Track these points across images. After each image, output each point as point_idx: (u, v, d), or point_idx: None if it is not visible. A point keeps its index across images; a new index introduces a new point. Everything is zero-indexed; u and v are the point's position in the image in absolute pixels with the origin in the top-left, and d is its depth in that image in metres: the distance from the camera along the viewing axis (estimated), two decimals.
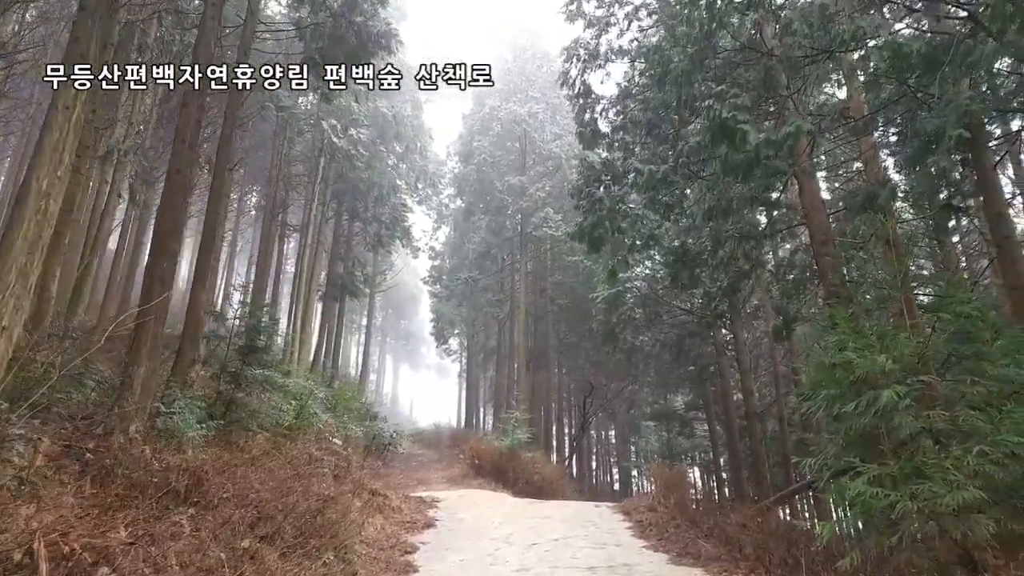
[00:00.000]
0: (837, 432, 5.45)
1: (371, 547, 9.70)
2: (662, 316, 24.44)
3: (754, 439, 19.87)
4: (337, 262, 30.23)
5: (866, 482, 4.95)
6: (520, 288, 30.06)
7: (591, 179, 11.92)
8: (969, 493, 4.45)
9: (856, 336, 5.41)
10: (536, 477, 18.86)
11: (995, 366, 5.03)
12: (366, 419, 27.35)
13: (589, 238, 11.76)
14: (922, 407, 5.15)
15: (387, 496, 13.22)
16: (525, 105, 31.21)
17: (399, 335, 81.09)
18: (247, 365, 11.13)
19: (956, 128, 6.15)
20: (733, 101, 7.67)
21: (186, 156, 9.26)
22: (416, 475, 22.26)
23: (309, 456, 12.44)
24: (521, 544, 10.18)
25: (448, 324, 45.59)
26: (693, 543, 10.00)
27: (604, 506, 14.51)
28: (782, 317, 15.59)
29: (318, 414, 13.99)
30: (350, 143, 21.54)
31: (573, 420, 39.41)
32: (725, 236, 13.48)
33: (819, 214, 10.96)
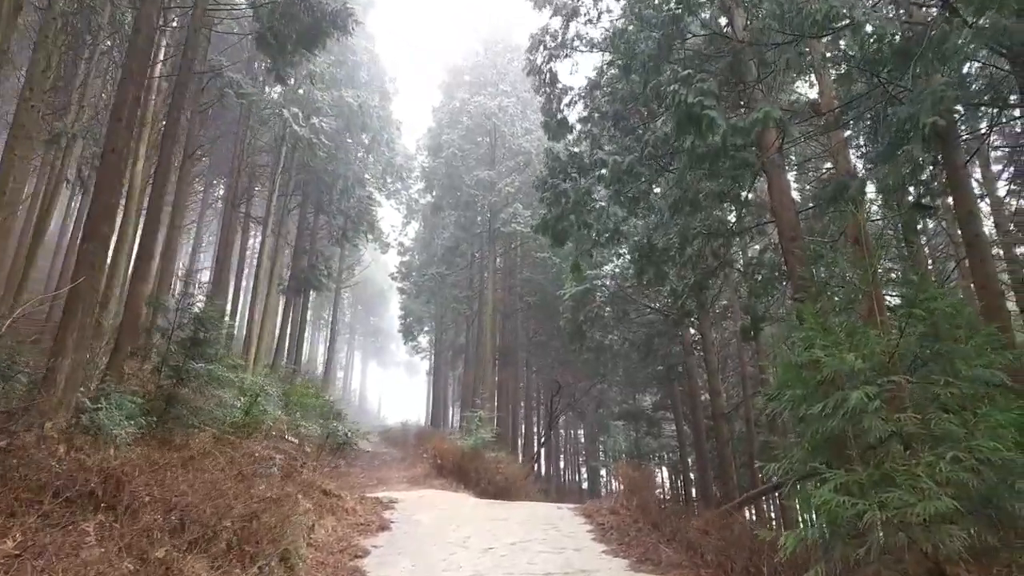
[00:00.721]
0: (803, 435, 5.11)
1: (320, 551, 9.26)
2: (630, 315, 24.21)
3: (720, 440, 19.70)
4: (301, 255, 29.48)
5: (832, 489, 4.61)
6: (488, 284, 29.60)
7: (556, 171, 11.52)
8: (941, 503, 4.12)
9: (824, 333, 5.07)
10: (499, 477, 18.41)
11: (969, 366, 4.72)
12: (329, 417, 26.78)
13: (553, 231, 11.35)
14: (892, 409, 4.82)
15: (341, 497, 12.70)
16: (495, 99, 30.71)
17: (368, 332, 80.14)
18: (190, 359, 10.52)
19: (931, 115, 5.88)
20: (700, 86, 7.30)
21: (122, 135, 8.65)
22: (377, 474, 21.77)
23: (255, 455, 11.90)
24: (477, 548, 9.81)
25: (417, 321, 44.98)
26: (654, 548, 9.72)
27: (566, 508, 14.15)
28: (750, 316, 15.40)
29: (269, 411, 13.38)
30: (312, 132, 20.87)
31: (542, 419, 39.09)
32: (693, 233, 13.20)
33: (788, 211, 10.69)
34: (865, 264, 6.05)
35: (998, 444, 4.34)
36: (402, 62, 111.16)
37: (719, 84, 8.04)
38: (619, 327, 25.22)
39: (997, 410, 4.42)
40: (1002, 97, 7.56)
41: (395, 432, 37.89)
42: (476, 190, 28.44)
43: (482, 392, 27.27)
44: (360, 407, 79.98)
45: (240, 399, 13.10)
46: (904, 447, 4.67)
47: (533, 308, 32.04)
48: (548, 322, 30.78)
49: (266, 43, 11.23)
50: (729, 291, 22.02)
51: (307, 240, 29.32)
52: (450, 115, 33.02)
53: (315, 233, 29.99)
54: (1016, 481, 4.39)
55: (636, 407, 31.90)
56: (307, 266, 28.59)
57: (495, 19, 36.78)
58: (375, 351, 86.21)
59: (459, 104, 32.17)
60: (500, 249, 31.63)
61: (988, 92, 7.27)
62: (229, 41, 22.32)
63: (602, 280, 22.23)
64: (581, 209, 11.19)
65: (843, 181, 7.95)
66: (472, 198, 28.74)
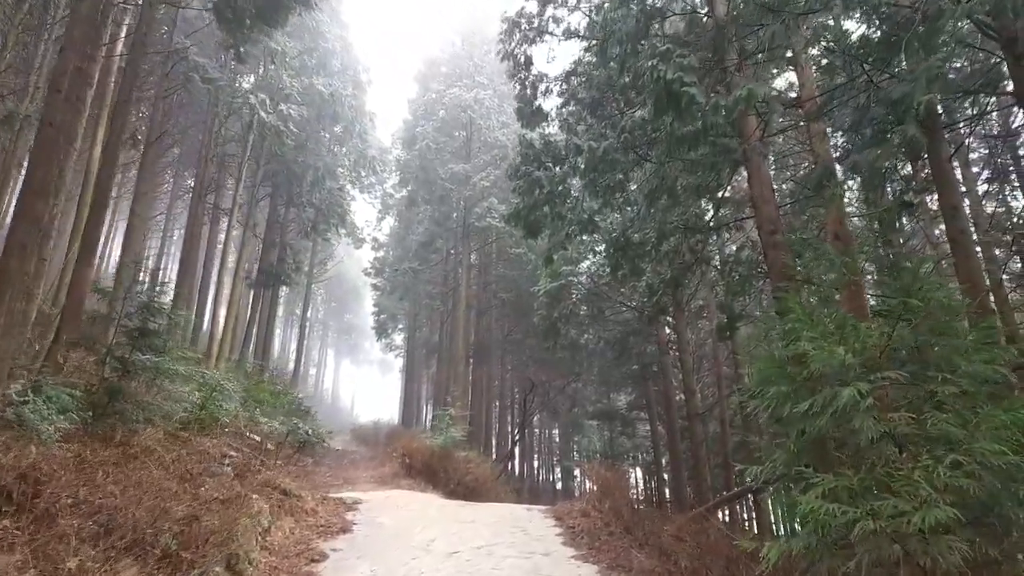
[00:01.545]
0: (787, 436, 4.67)
1: (275, 554, 8.72)
2: (606, 313, 23.86)
3: (695, 440, 19.38)
4: (270, 248, 28.65)
5: (820, 495, 4.18)
6: (463, 280, 29.04)
7: (530, 159, 11.02)
8: (941, 511, 3.70)
9: (811, 325, 4.64)
10: (469, 478, 17.93)
11: (969, 361, 4.31)
12: (297, 414, 26.03)
13: (526, 222, 10.85)
14: (884, 408, 4.40)
15: (301, 497, 12.13)
16: (472, 91, 30.11)
17: (342, 329, 79.07)
18: (137, 350, 9.85)
19: (926, 92, 5.50)
20: (680, 61, 6.86)
21: (61, 108, 7.98)
22: (345, 474, 21.22)
23: (209, 454, 11.28)
24: (441, 552, 9.36)
25: (391, 318, 44.27)
26: (626, 553, 9.34)
27: (536, 509, 13.72)
28: (726, 315, 15.07)
29: (226, 408, 12.73)
30: (280, 119, 20.14)
31: (517, 418, 38.63)
32: (670, 228, 12.81)
33: (769, 204, 10.31)
34: (847, 257, 5.67)
35: (1002, 447, 3.93)
36: (377, 53, 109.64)
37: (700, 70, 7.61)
38: (594, 325, 24.87)
39: (1000, 409, 4.01)
40: (993, 83, 7.25)
41: (366, 431, 37.24)
42: (451, 184, 27.84)
43: (454, 390, 26.70)
44: (333, 405, 78.95)
45: (195, 395, 12.43)
46: (899, 450, 4.26)
47: (508, 305, 31.56)
48: (523, 320, 30.33)
49: (224, 17, 10.59)
50: (705, 290, 21.76)
51: (276, 233, 28.50)
52: (425, 107, 32.37)
53: (285, 226, 29.19)
54: (1020, 487, 3.99)
55: (611, 407, 31.59)
56: (276, 259, 27.79)
57: (473, 10, 36.08)
58: (349, 349, 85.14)
59: (435, 96, 31.53)
60: (475, 245, 31.08)
61: (979, 79, 6.95)
62: (196, 25, 21.55)
63: (577, 277, 21.80)
64: (555, 199, 10.71)
65: (827, 167, 7.58)
66: (447, 192, 28.14)
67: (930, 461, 3.99)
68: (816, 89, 10.63)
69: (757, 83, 6.36)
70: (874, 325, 4.70)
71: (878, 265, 15.23)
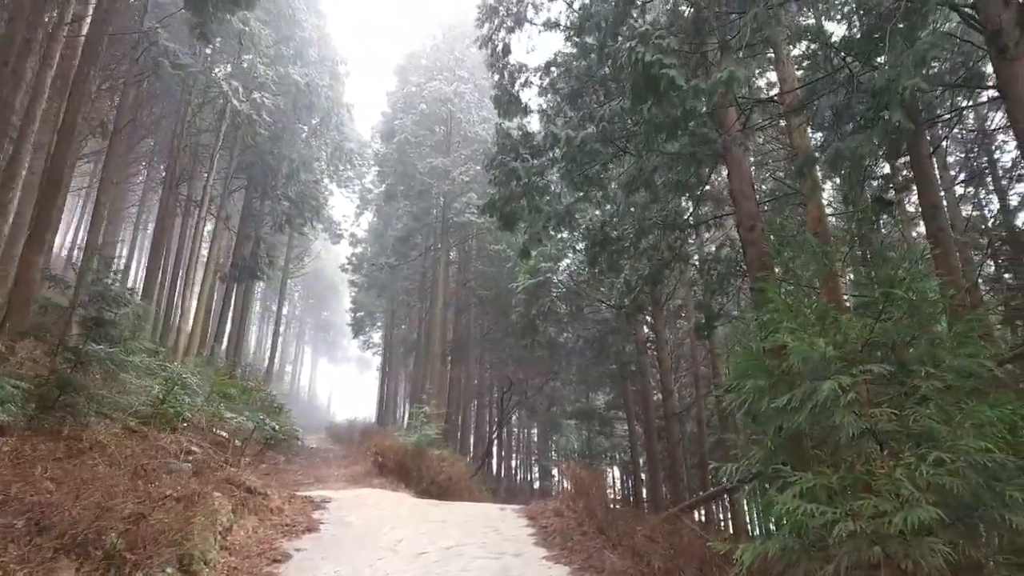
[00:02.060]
0: (764, 432, 4.43)
1: (235, 554, 8.38)
2: (584, 311, 23.66)
3: (672, 440, 19.23)
4: (244, 241, 28.07)
5: (798, 494, 3.95)
6: (440, 277, 28.66)
7: (507, 148, 10.73)
8: (924, 512, 3.48)
9: (791, 315, 4.40)
10: (442, 477, 17.61)
11: (953, 355, 4.10)
12: (270, 411, 25.50)
13: (501, 213, 10.56)
14: (865, 404, 4.18)
15: (267, 495, 11.78)
16: (452, 84, 29.70)
17: (319, 326, 78.20)
18: (92, 340, 9.42)
19: (912, 76, 5.30)
20: (659, 43, 6.60)
21: (8, 81, 7.56)
22: (317, 472, 20.86)
23: (167, 449, 10.87)
24: (408, 553, 9.07)
25: (368, 315, 43.76)
26: (599, 554, 9.10)
27: (509, 509, 13.47)
28: (704, 314, 14.93)
29: (188, 402, 12.30)
30: (253, 107, 19.63)
31: (495, 417, 38.33)
32: (649, 224, 12.61)
33: (748, 199, 10.13)
34: (826, 250, 5.46)
35: (987, 444, 3.72)
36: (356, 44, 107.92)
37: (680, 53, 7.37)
38: (573, 324, 24.69)
39: (985, 405, 3.80)
40: (975, 79, 7.10)
41: (341, 429, 36.79)
42: (430, 178, 27.43)
43: (429, 388, 26.33)
44: (309, 403, 78.07)
45: (156, 388, 12.00)
46: (880, 447, 4.04)
47: (487, 303, 31.24)
48: (503, 318, 30.03)
49: None
50: (684, 289, 21.68)
51: (251, 226, 27.93)
52: (405, 100, 31.90)
53: (260, 219, 28.62)
54: (1005, 487, 3.78)
55: (589, 406, 31.40)
56: (249, 253, 27.23)
57: (454, 2, 35.61)
58: (326, 346, 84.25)
59: (415, 89, 31.07)
60: (454, 241, 30.72)
61: (961, 72, 6.79)
62: (168, 10, 20.96)
63: (556, 274, 21.57)
64: (532, 192, 10.44)
65: (809, 155, 7.39)
66: (426, 187, 27.74)
67: (912, 459, 3.77)
68: (797, 84, 10.49)
69: (738, 66, 6.14)
70: (856, 317, 4.47)
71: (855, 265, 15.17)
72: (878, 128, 5.92)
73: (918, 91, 5.35)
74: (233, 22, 16.96)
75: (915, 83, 5.27)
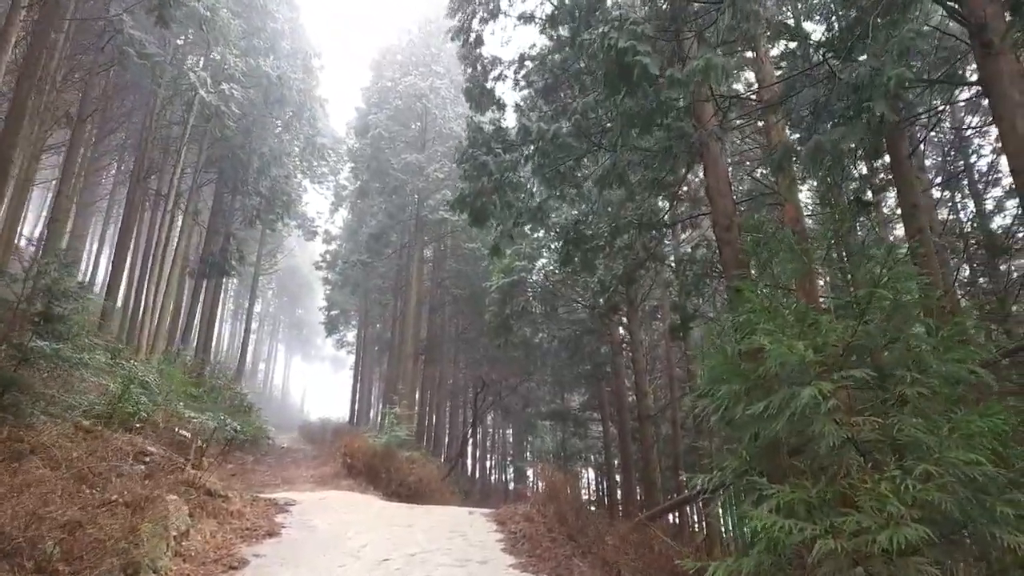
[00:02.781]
0: (739, 440, 4.14)
1: (190, 561, 7.97)
2: (559, 311, 23.40)
3: (646, 442, 19.01)
4: (215, 237, 27.37)
5: (774, 509, 3.66)
6: (414, 275, 28.18)
7: (478, 142, 10.36)
8: (912, 530, 3.20)
9: (769, 315, 4.11)
10: (412, 478, 17.22)
11: (941, 360, 3.83)
12: (239, 410, 24.89)
13: (472, 208, 10.19)
14: (847, 411, 3.90)
15: (228, 498, 11.34)
16: (427, 79, 29.20)
17: (294, 324, 77.17)
18: (39, 336, 8.89)
19: (897, 67, 5.05)
20: (632, 29, 6.29)
21: None
22: (285, 473, 20.42)
23: (121, 450, 10.36)
24: (371, 559, 8.73)
25: (342, 314, 43.14)
26: (567, 562, 8.84)
27: (478, 513, 13.15)
28: (679, 315, 14.73)
29: (145, 402, 11.78)
30: (222, 99, 19.04)
31: (470, 418, 37.94)
32: (624, 223, 12.34)
33: (725, 197, 9.89)
34: (805, 248, 5.19)
35: (977, 456, 3.45)
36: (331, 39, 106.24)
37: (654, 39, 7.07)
38: (548, 324, 24.44)
39: (975, 414, 3.53)
40: (958, 74, 6.90)
41: (314, 429, 36.31)
42: (404, 174, 26.92)
43: (401, 388, 25.85)
44: (283, 402, 77.08)
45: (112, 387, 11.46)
46: (862, 458, 3.75)
47: (462, 302, 30.84)
48: (478, 317, 29.67)
49: None
50: (659, 290, 21.52)
51: (221, 221, 27.24)
52: (379, 95, 31.32)
53: (231, 214, 27.93)
54: (995, 502, 3.51)
55: (563, 407, 31.16)
56: (219, 249, 26.54)
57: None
58: (300, 344, 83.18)
59: (389, 84, 30.51)
60: (429, 239, 30.25)
61: (944, 68, 6.59)
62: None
63: (531, 274, 21.25)
64: (504, 188, 10.09)
65: (788, 148, 7.13)
66: (400, 183, 27.23)
67: (897, 472, 3.49)
68: (775, 80, 10.29)
69: (715, 56, 5.86)
70: (836, 320, 4.19)
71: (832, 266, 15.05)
72: (860, 122, 5.67)
73: (903, 82, 5.10)
74: (197, 8, 16.37)
75: (900, 72, 5.02)
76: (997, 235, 14.60)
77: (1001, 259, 14.69)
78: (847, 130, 5.95)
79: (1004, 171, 17.26)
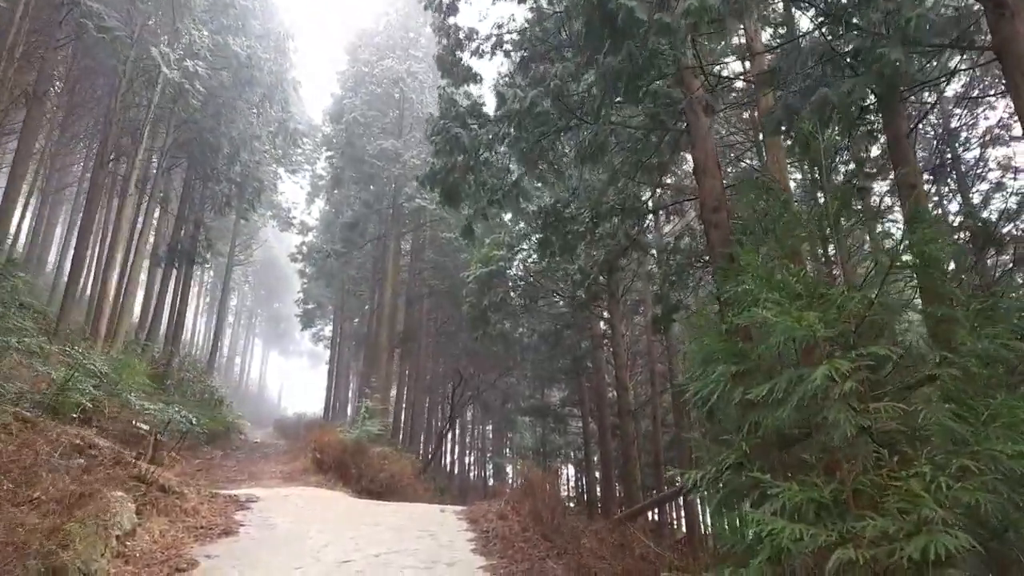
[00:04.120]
0: (736, 431, 3.53)
1: (132, 563, 7.33)
2: (539, 303, 22.84)
3: (626, 438, 18.50)
4: (183, 224, 26.40)
5: (778, 511, 3.06)
6: (389, 265, 27.39)
7: (450, 114, 9.68)
8: (951, 538, 2.61)
9: (772, 285, 3.50)
10: (383, 475, 16.56)
11: (976, 337, 3.23)
12: (209, 403, 24.07)
13: (443, 185, 9.50)
14: (863, 396, 3.30)
15: (183, 494, 10.66)
16: (405, 63, 28.35)
17: (271, 318, 75.98)
18: None
19: (913, 8, 4.47)
20: None
21: None
22: (253, 468, 19.74)
23: (57, 443, 9.61)
24: (332, 561, 8.17)
25: (319, 307, 42.29)
26: (541, 564, 8.27)
27: (450, 511, 12.57)
28: (662, 307, 14.18)
29: (93, 391, 11.01)
30: (186, 76, 18.15)
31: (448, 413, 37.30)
32: (606, 208, 11.75)
33: (712, 178, 9.31)
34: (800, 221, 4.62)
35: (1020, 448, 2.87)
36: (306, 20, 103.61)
37: None
38: (528, 317, 23.92)
39: (1020, 399, 2.95)
40: (968, 38, 6.36)
41: (289, 423, 35.71)
42: (380, 161, 26.09)
43: (374, 382, 25.10)
44: (259, 396, 76.00)
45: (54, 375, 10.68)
46: (886, 450, 3.15)
47: (440, 295, 30.13)
48: (457, 311, 29.01)
49: None
50: (641, 283, 21.04)
51: (190, 208, 26.28)
52: (356, 79, 30.35)
53: (203, 202, 26.95)
54: None
55: (543, 402, 30.68)
56: (188, 237, 25.59)
57: None
58: (278, 338, 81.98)
59: (366, 68, 29.60)
60: (407, 228, 29.45)
61: (953, 31, 6.06)
62: None
63: (510, 265, 20.60)
64: (480, 167, 9.41)
65: (789, 106, 6.53)
66: (376, 170, 26.39)
67: (928, 468, 2.90)
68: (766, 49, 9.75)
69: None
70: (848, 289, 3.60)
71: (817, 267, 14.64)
72: (872, 72, 5.09)
73: (924, 24, 4.53)
74: None
75: (922, 13, 4.47)
76: (985, 226, 14.21)
77: (989, 252, 14.31)
78: (858, 81, 5.37)
79: (992, 165, 17.00)
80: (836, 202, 4.30)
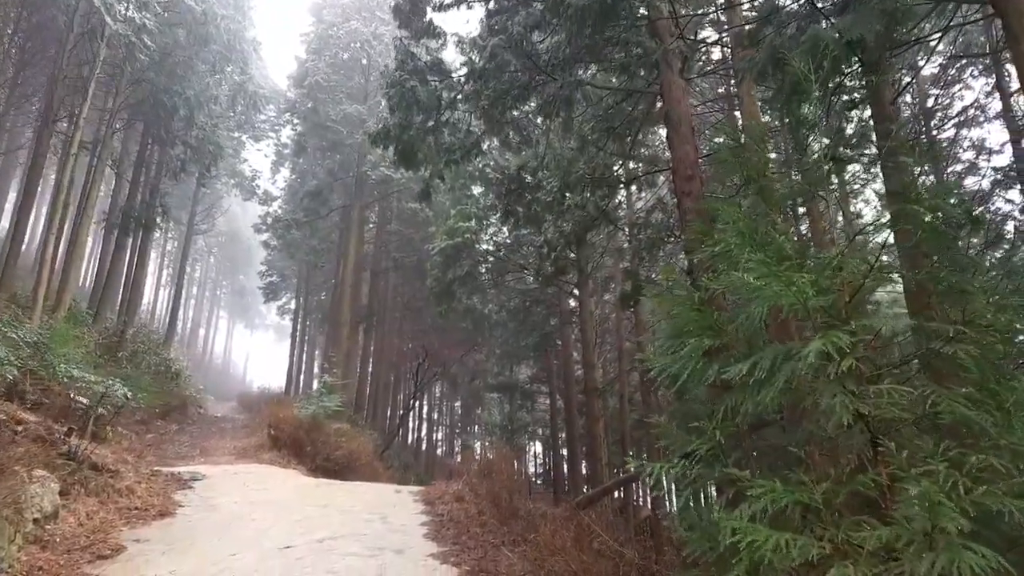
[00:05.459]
0: (707, 416, 2.96)
1: (50, 550, 6.73)
2: (507, 279, 22.30)
3: (592, 416, 18.10)
4: (137, 190, 25.15)
5: (759, 515, 2.52)
6: (352, 236, 26.47)
7: (407, 66, 8.89)
8: (976, 556, 2.08)
9: (755, 245, 2.91)
10: (339, 453, 15.94)
11: (995, 307, 2.69)
12: (165, 376, 23.19)
13: (398, 143, 8.74)
14: (861, 377, 2.75)
15: (118, 472, 9.99)
16: (371, 24, 27.21)
17: (236, 290, 74.35)
18: None
19: None
20: None
21: None
22: (206, 443, 19.13)
23: None
24: (272, 546, 7.64)
25: (283, 279, 41.19)
26: (495, 552, 7.79)
27: (406, 491, 12.08)
28: (631, 282, 13.70)
29: (14, 362, 10.14)
30: (132, 28, 16.99)
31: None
32: (575, 179, 11.12)
33: (686, 144, 8.73)
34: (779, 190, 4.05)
35: None
36: None
37: None
38: (497, 294, 23.41)
39: None
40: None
41: (252, 398, 34.84)
42: (343, 126, 25.04)
43: (332, 356, 24.36)
44: (224, 370, 74.68)
45: None
46: (873, 440, 2.60)
47: (407, 269, 29.34)
48: (424, 285, 28.33)
49: None
50: (611, 260, 20.60)
51: (142, 172, 25.02)
52: (320, 41, 29.11)
53: (159, 166, 25.68)
54: None
55: (511, 379, 30.25)
56: (142, 203, 24.38)
57: None
58: (242, 312, 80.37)
59: (331, 31, 28.39)
60: (371, 199, 28.49)
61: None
62: None
63: (477, 236, 19.91)
64: (438, 122, 8.69)
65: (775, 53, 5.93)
66: (341, 137, 25.35)
67: (940, 464, 2.36)
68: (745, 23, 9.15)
69: None
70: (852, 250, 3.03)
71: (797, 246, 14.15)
72: (871, 8, 4.54)
73: None
74: None
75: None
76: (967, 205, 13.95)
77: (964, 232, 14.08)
78: (855, 18, 4.79)
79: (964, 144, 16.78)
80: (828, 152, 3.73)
